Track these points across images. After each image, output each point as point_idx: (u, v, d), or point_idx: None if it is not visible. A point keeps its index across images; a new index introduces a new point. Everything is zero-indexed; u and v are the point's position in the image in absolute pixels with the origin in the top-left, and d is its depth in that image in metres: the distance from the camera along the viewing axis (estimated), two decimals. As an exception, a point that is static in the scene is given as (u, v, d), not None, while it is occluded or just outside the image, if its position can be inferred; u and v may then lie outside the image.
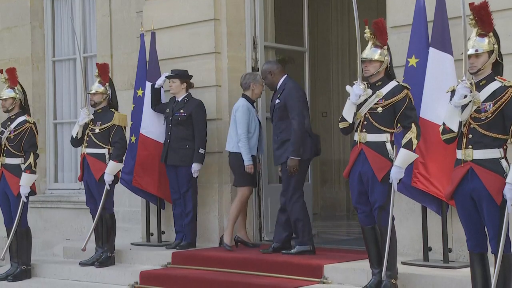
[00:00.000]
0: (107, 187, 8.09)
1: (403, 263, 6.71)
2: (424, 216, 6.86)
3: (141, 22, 9.23)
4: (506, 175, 5.11)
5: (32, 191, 8.25)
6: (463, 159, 5.28)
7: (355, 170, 6.26)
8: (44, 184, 10.91)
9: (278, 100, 7.72)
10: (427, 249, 6.84)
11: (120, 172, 8.28)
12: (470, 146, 5.25)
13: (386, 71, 6.32)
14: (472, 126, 5.26)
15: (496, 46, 5.32)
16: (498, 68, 5.36)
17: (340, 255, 7.44)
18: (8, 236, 8.34)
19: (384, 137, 6.18)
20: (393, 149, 6.20)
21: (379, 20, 6.29)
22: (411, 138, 6.05)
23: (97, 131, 8.25)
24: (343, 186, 13.20)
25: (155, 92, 8.63)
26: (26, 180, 8.14)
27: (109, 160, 8.15)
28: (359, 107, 6.22)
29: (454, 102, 5.24)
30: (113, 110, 8.38)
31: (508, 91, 5.19)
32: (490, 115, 5.20)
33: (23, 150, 8.26)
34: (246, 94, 8.19)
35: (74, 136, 8.39)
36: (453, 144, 5.42)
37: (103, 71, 8.42)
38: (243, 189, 8.13)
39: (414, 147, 6.05)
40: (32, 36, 10.93)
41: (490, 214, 5.20)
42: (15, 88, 8.41)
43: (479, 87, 5.28)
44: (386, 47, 6.31)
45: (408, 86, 6.25)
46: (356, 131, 6.27)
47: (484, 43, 5.28)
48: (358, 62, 6.24)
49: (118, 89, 8.95)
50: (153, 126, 8.70)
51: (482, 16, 5.26)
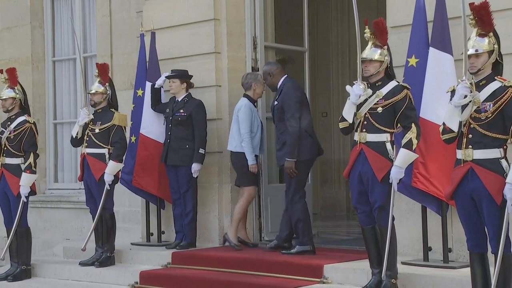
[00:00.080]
0: (107, 187, 8.08)
1: (403, 263, 6.70)
2: (424, 216, 6.86)
3: (141, 22, 9.23)
4: (506, 175, 5.11)
5: (32, 191, 8.24)
6: (463, 159, 5.28)
7: (355, 170, 6.26)
8: (44, 184, 10.90)
9: (276, 102, 7.73)
10: (427, 249, 6.83)
11: (120, 172, 8.28)
12: (470, 146, 5.25)
13: (386, 71, 6.32)
14: (472, 126, 5.25)
15: (496, 46, 5.32)
16: (498, 68, 5.36)
17: (340, 255, 7.44)
18: (8, 236, 8.33)
19: (384, 137, 6.18)
20: (393, 149, 6.20)
21: (379, 20, 6.29)
22: (411, 138, 6.05)
23: (97, 131, 8.25)
24: (343, 186, 13.19)
25: (155, 92, 8.63)
26: (26, 180, 8.13)
27: (109, 160, 8.15)
28: (359, 107, 6.21)
29: (454, 102, 5.24)
30: (113, 110, 8.37)
31: (508, 91, 5.18)
32: (490, 115, 5.20)
33: (23, 150, 8.25)
34: (248, 94, 8.19)
35: (74, 136, 8.39)
36: (453, 144, 5.42)
37: (103, 71, 8.41)
38: (249, 188, 8.13)
39: (414, 147, 6.05)
40: (32, 36, 10.92)
41: (490, 214, 5.19)
42: (15, 88, 8.40)
43: (479, 87, 5.28)
44: (386, 47, 6.31)
45: (408, 86, 6.24)
46: (356, 131, 6.26)
47: (484, 43, 5.28)
48: (358, 62, 6.24)
49: (118, 89, 8.94)
50: (153, 126, 8.70)
51: (482, 16, 5.26)
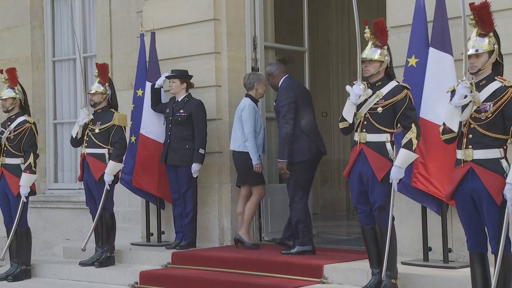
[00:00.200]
0: (107, 187, 8.08)
1: (403, 263, 6.70)
2: (424, 216, 6.86)
3: (141, 22, 9.23)
4: (506, 175, 5.11)
5: (32, 191, 8.24)
6: (463, 159, 5.28)
7: (355, 170, 6.26)
8: (44, 184, 10.90)
9: (274, 103, 7.75)
10: (427, 249, 6.83)
11: (120, 172, 8.28)
12: (470, 146, 5.24)
13: (386, 71, 6.32)
14: (472, 126, 5.25)
15: (496, 46, 5.32)
16: (498, 68, 5.36)
17: (340, 255, 7.43)
18: (8, 236, 8.33)
19: (384, 137, 6.18)
20: (393, 149, 6.20)
21: (379, 20, 6.29)
22: (411, 138, 6.05)
23: (97, 131, 8.25)
24: (343, 186, 13.19)
25: (155, 92, 8.63)
26: (26, 180, 8.13)
27: (109, 160, 8.15)
28: (359, 107, 6.21)
29: (454, 102, 5.24)
30: (113, 110, 8.37)
31: (508, 91, 5.18)
32: (490, 115, 5.20)
33: (23, 150, 8.25)
34: (250, 93, 8.19)
35: (74, 136, 8.39)
36: (453, 144, 5.42)
37: (103, 71, 8.41)
38: (259, 187, 8.13)
39: (414, 147, 6.05)
40: (32, 36, 10.92)
41: (490, 214, 5.19)
42: (15, 88, 8.40)
43: (479, 87, 5.27)
44: (386, 47, 6.31)
45: (408, 86, 6.24)
46: (356, 131, 6.26)
47: (484, 43, 5.28)
48: (358, 62, 6.24)
49: (118, 89, 8.95)
50: (153, 126, 8.70)
51: (483, 16, 5.26)
